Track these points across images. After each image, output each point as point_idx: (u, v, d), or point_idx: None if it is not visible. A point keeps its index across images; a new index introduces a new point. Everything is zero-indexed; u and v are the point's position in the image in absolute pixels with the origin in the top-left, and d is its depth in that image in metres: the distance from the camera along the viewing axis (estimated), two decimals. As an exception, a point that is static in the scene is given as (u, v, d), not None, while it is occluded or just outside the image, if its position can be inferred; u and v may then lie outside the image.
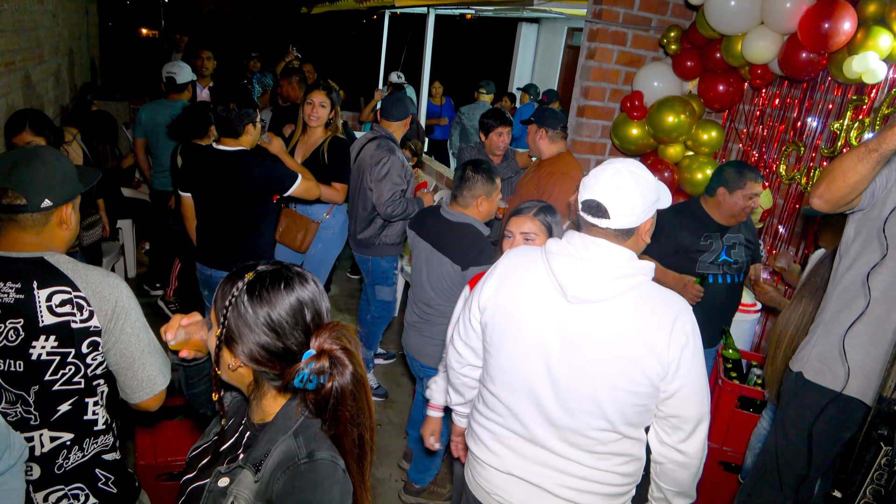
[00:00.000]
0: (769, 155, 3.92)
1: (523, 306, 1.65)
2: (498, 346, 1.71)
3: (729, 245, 2.92)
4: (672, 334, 1.54)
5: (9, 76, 4.18)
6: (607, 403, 1.58)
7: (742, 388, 2.83)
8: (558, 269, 1.59)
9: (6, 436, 1.36)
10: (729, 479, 2.88)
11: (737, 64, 3.70)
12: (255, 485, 1.15)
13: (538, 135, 3.45)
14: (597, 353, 1.56)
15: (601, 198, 1.55)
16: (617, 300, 1.55)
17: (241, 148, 3.00)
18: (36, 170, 1.54)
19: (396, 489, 3.17)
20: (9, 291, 1.50)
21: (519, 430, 1.69)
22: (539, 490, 1.69)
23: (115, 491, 1.72)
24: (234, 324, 1.16)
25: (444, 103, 8.12)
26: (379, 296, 3.80)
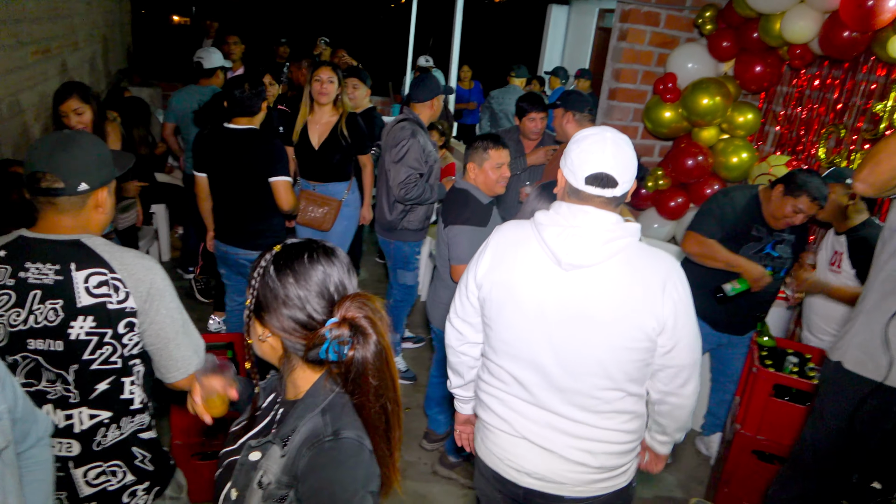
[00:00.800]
0: (808, 138, 3.81)
1: (519, 279, 1.69)
2: (497, 320, 1.74)
3: (777, 240, 2.91)
4: (665, 291, 1.61)
5: (45, 63, 4.26)
6: (610, 363, 1.64)
7: (777, 375, 2.77)
8: (550, 239, 1.63)
9: (32, 411, 1.40)
10: (763, 468, 2.84)
11: (775, 44, 3.60)
12: (282, 460, 1.16)
13: (565, 118, 3.41)
14: (595, 316, 1.62)
15: (610, 169, 1.59)
16: (609, 263, 1.60)
17: (251, 126, 3.13)
18: (73, 154, 1.56)
19: (426, 472, 3.19)
20: (48, 273, 1.53)
21: (525, 397, 1.74)
22: (550, 454, 1.73)
23: (151, 468, 1.76)
24: (262, 294, 1.19)
25: (473, 87, 8.06)
26: (401, 280, 3.83)
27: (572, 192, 1.66)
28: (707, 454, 3.48)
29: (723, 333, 3.11)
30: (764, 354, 2.94)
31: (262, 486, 1.17)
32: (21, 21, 3.83)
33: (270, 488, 1.16)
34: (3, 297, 1.53)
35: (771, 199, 2.84)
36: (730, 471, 2.90)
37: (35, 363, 1.56)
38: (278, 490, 1.16)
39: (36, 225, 1.60)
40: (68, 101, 3.07)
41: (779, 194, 2.80)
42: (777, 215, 2.82)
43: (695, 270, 2.73)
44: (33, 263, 1.54)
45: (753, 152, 3.94)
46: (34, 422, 1.40)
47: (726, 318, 3.04)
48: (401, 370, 3.97)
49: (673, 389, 1.71)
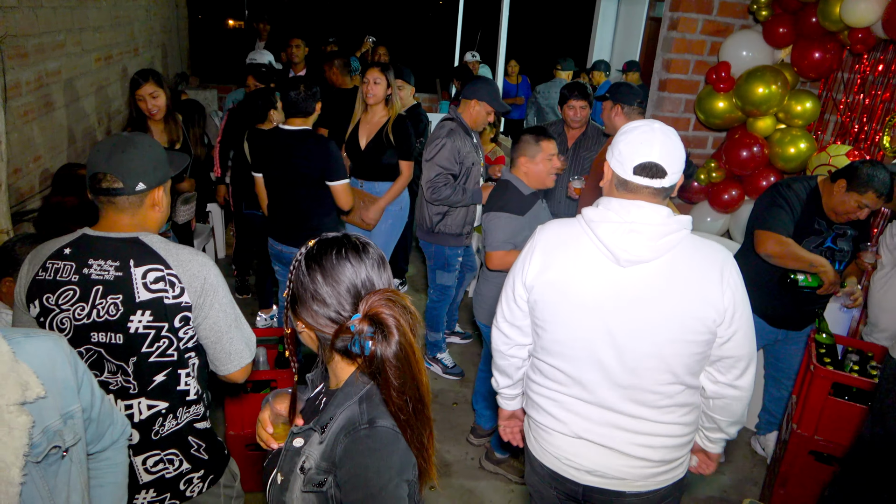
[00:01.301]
0: (871, 126, 3.64)
1: (574, 279, 1.67)
2: (552, 322, 1.73)
3: (838, 233, 2.81)
4: (723, 281, 1.60)
5: (108, 69, 4.46)
6: (671, 357, 1.63)
7: (836, 374, 2.67)
8: (605, 236, 1.62)
9: (110, 413, 1.46)
10: (820, 469, 2.74)
11: (835, 28, 3.45)
12: (321, 446, 1.20)
13: (613, 111, 3.35)
14: (655, 311, 1.61)
15: (659, 158, 1.60)
16: (666, 257, 1.60)
17: (305, 127, 3.19)
18: (131, 155, 1.64)
19: (473, 466, 3.21)
20: (109, 269, 1.62)
21: (584, 396, 1.73)
22: (610, 451, 1.72)
23: (206, 458, 1.83)
24: (296, 288, 1.24)
25: (521, 82, 8.00)
26: (439, 280, 3.82)
27: (620, 184, 1.65)
28: (763, 454, 3.38)
29: (779, 329, 3.01)
30: (822, 352, 2.84)
31: (304, 471, 1.21)
32: (85, 29, 4.02)
33: (311, 473, 1.20)
34: (69, 293, 1.61)
35: (833, 194, 2.71)
36: (786, 471, 2.82)
37: (97, 355, 1.64)
38: (318, 475, 1.19)
39: (98, 223, 1.68)
40: (145, 85, 3.30)
41: (841, 189, 2.67)
42: (839, 210, 2.70)
43: (750, 265, 2.64)
44: (95, 260, 1.62)
45: (812, 142, 3.79)
46: (111, 424, 1.46)
47: (783, 313, 2.94)
48: (447, 366, 4.00)
49: (730, 381, 1.71)
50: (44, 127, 3.49)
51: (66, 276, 1.62)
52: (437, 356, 4.02)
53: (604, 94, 3.44)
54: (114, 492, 1.51)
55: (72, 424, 1.28)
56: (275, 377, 2.77)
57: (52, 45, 3.55)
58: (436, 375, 3.98)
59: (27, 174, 3.32)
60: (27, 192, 3.30)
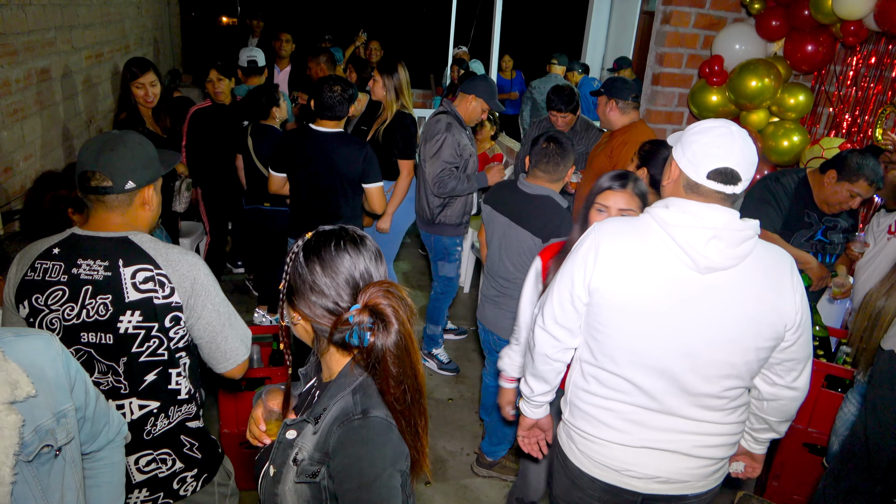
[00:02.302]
0: (863, 118, 3.65)
1: (644, 282, 1.58)
2: (618, 328, 1.63)
3: (828, 226, 2.80)
4: (793, 285, 1.59)
5: (99, 67, 4.43)
6: (741, 364, 1.60)
7: (829, 366, 2.68)
8: (684, 240, 1.54)
9: (105, 412, 1.46)
10: (814, 461, 2.75)
11: (827, 21, 3.45)
12: (315, 437, 1.21)
13: (608, 106, 3.34)
14: (730, 318, 1.56)
15: (737, 165, 1.53)
16: (744, 262, 1.55)
17: (339, 130, 3.17)
18: (120, 154, 1.62)
19: (468, 462, 3.21)
20: (98, 269, 1.60)
21: (650, 405, 1.65)
22: (675, 455, 1.68)
23: (199, 456, 1.82)
24: (293, 279, 1.24)
25: (515, 77, 7.99)
26: (441, 272, 3.83)
27: (690, 187, 1.58)
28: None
29: None
30: (815, 345, 2.84)
31: (297, 462, 1.22)
32: (75, 27, 3.99)
33: (304, 464, 1.21)
34: (58, 293, 1.60)
35: (824, 185, 2.72)
36: (780, 464, 2.83)
37: (88, 355, 1.63)
38: (311, 466, 1.20)
39: (87, 223, 1.67)
40: (146, 74, 3.36)
41: (832, 180, 2.68)
42: (832, 201, 2.70)
43: None
44: (84, 260, 1.61)
45: (805, 135, 3.80)
46: (107, 423, 1.45)
47: None
48: (443, 362, 4.00)
49: (788, 383, 1.69)
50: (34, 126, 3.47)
51: (54, 276, 1.61)
52: (433, 352, 4.02)
53: (598, 90, 3.44)
54: (110, 491, 1.51)
55: (65, 423, 1.27)
56: (269, 374, 2.76)
57: (41, 43, 3.52)
58: (431, 372, 3.98)
59: (18, 173, 3.30)
60: (17, 191, 3.28)
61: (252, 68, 4.61)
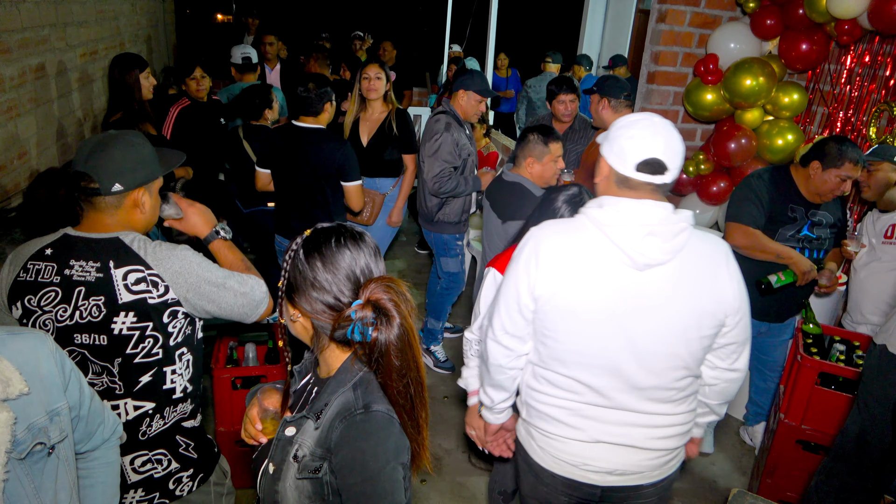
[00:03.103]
0: (857, 117, 3.66)
1: (586, 284, 1.60)
2: (565, 331, 1.65)
3: (814, 221, 2.80)
4: (729, 272, 1.62)
5: (93, 65, 4.42)
6: (686, 354, 1.63)
7: (823, 363, 2.69)
8: (620, 239, 1.56)
9: (100, 411, 1.45)
10: (808, 458, 2.76)
11: (822, 20, 3.46)
12: (316, 432, 1.21)
13: (601, 105, 3.35)
14: (672, 311, 1.59)
15: (662, 154, 1.56)
16: (679, 256, 1.57)
17: (319, 126, 3.17)
18: (109, 155, 1.60)
19: (463, 460, 3.21)
20: (90, 270, 1.59)
21: (600, 402, 1.69)
22: (630, 448, 1.71)
23: (195, 456, 1.82)
24: (293, 276, 1.24)
25: (510, 75, 7.99)
26: (445, 268, 3.86)
27: (621, 182, 1.60)
28: (751, 444, 3.41)
29: (762, 322, 3.03)
30: (809, 342, 2.85)
31: (298, 459, 1.22)
32: (69, 24, 3.97)
33: (305, 460, 1.21)
34: (50, 294, 1.59)
35: (810, 178, 2.73)
36: (773, 461, 2.84)
37: (82, 356, 1.62)
38: (312, 462, 1.21)
39: (80, 224, 1.66)
40: (147, 69, 3.39)
41: (818, 171, 2.69)
42: (823, 191, 2.70)
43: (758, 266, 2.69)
44: (77, 261, 1.60)
45: (800, 134, 3.81)
46: (101, 423, 1.45)
47: (766, 307, 2.95)
48: (439, 359, 4.00)
49: (729, 366, 1.74)
50: (29, 123, 3.45)
51: (47, 277, 1.60)
52: (431, 348, 4.03)
53: (591, 88, 3.44)
54: (105, 491, 1.50)
55: (58, 422, 1.27)
56: (265, 373, 2.76)
57: (35, 41, 3.51)
58: (427, 368, 3.98)
59: (12, 171, 3.29)
60: (12, 189, 3.27)
61: (247, 65, 4.60)
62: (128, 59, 3.40)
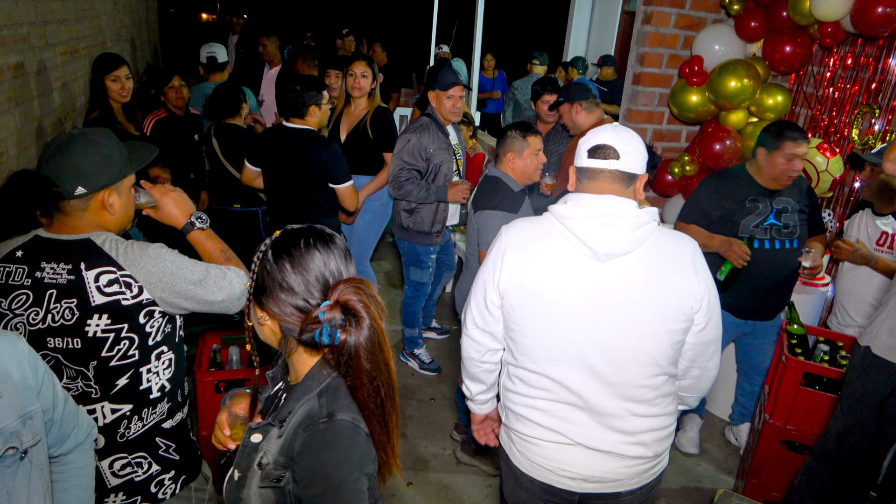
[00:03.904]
0: (840, 119, 3.69)
1: (550, 278, 1.64)
2: (531, 326, 1.68)
3: (780, 208, 2.85)
4: (696, 268, 1.63)
5: (73, 64, 4.35)
6: (654, 349, 1.63)
7: (807, 364, 2.70)
8: (581, 231, 1.60)
9: (75, 415, 1.42)
10: (793, 458, 2.78)
11: (805, 23, 3.49)
12: (279, 440, 1.19)
13: (573, 110, 3.40)
14: (636, 304, 1.60)
15: (608, 140, 1.63)
16: (641, 250, 1.60)
17: (307, 127, 3.15)
18: (71, 157, 1.55)
19: (450, 462, 3.20)
20: (61, 273, 1.55)
21: (573, 401, 1.69)
22: (606, 454, 1.70)
23: (177, 458, 1.78)
24: (261, 278, 1.22)
25: (497, 76, 7.99)
26: (413, 276, 3.80)
27: (581, 174, 1.68)
28: (736, 444, 3.43)
29: (747, 321, 3.04)
30: (793, 343, 2.87)
31: (262, 466, 1.20)
32: (49, 22, 3.91)
33: (268, 468, 1.19)
34: (22, 297, 1.55)
35: (761, 166, 2.83)
36: (759, 461, 2.85)
37: (55, 361, 1.59)
38: (275, 470, 1.18)
39: (51, 225, 1.61)
40: (121, 67, 3.38)
41: (764, 157, 2.80)
42: (777, 174, 2.79)
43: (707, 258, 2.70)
44: (48, 263, 1.56)
45: (783, 135, 3.84)
46: (76, 426, 1.42)
47: (746, 304, 2.97)
48: (425, 362, 3.98)
49: (701, 364, 1.75)
50: (7, 123, 3.39)
51: (18, 279, 1.56)
52: (415, 352, 4.00)
53: (557, 101, 3.46)
54: (79, 495, 1.47)
55: (31, 425, 1.24)
56: (248, 376, 2.73)
57: (13, 39, 3.44)
58: (413, 371, 3.96)
59: (-10, 171, 3.22)
60: (-10, 189, 3.20)
61: (211, 65, 4.53)
62: (103, 59, 3.36)
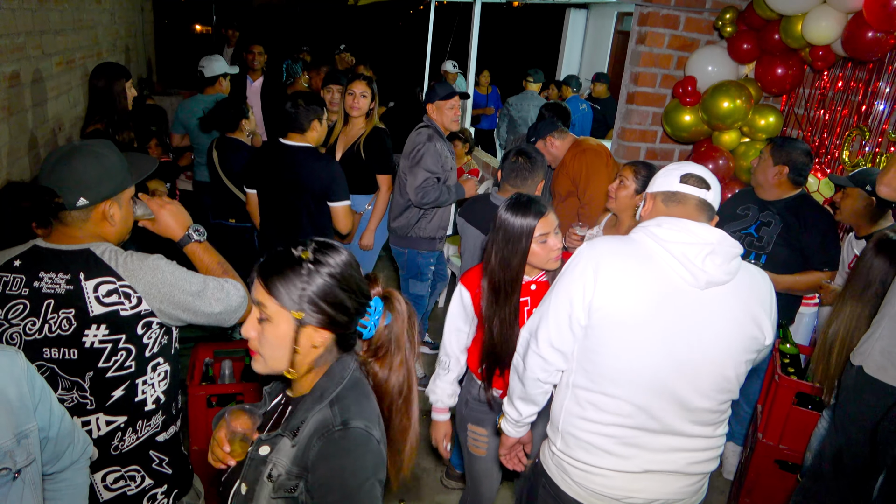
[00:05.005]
0: (831, 141, 3.74)
1: (647, 302, 1.58)
2: (620, 349, 1.61)
3: (763, 221, 2.88)
4: (772, 297, 1.67)
5: (69, 74, 4.35)
6: (734, 377, 1.65)
7: (800, 383, 2.71)
8: (683, 256, 1.56)
9: (70, 432, 1.40)
10: (785, 478, 2.78)
11: (797, 45, 3.54)
12: (293, 450, 1.21)
13: (548, 144, 3.48)
14: (728, 332, 1.60)
15: (698, 172, 1.67)
16: (734, 280, 1.60)
17: (306, 144, 3.10)
18: (73, 168, 1.55)
19: (443, 479, 3.17)
20: (60, 283, 1.54)
21: (651, 426, 1.64)
22: (673, 475, 1.68)
23: (170, 472, 1.77)
24: (313, 300, 1.21)
25: (491, 92, 8.05)
26: (412, 289, 3.81)
27: (668, 198, 1.68)
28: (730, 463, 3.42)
29: None
30: (786, 362, 2.89)
31: (272, 478, 1.21)
32: (45, 33, 3.91)
33: (281, 479, 1.20)
34: (19, 307, 1.54)
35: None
36: (751, 480, 2.85)
37: (51, 371, 1.57)
38: (288, 481, 1.20)
39: (50, 235, 1.61)
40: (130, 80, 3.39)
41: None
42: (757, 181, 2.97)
43: None
44: (46, 273, 1.55)
45: (775, 156, 3.88)
46: (71, 443, 1.41)
47: None
48: (419, 376, 3.96)
49: None
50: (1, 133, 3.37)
51: (15, 289, 1.55)
52: (408, 366, 3.98)
53: (530, 143, 3.50)
54: None
55: (25, 444, 1.23)
56: (241, 390, 2.71)
57: (10, 48, 3.43)
58: (405, 386, 3.94)
59: (-18, 181, 3.20)
60: (-18, 199, 3.18)
61: (200, 79, 4.52)
62: (113, 68, 3.35)
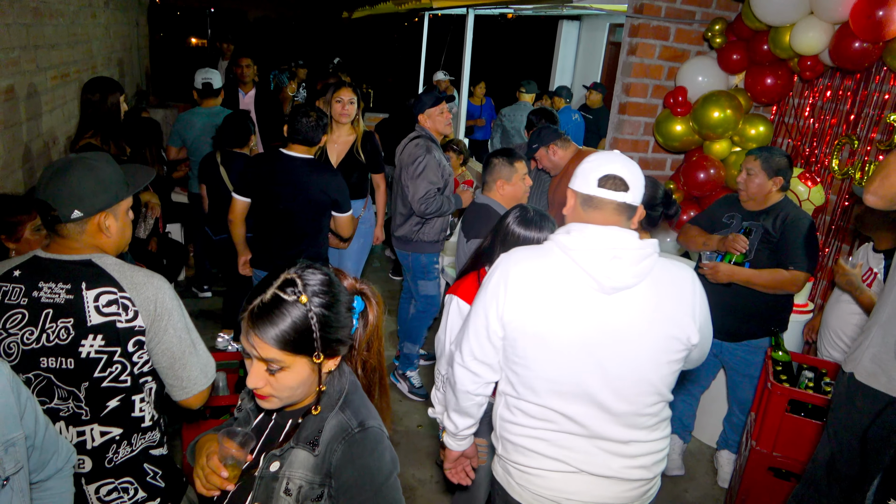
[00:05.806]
0: (821, 149, 3.78)
1: (556, 311, 1.61)
2: (535, 359, 1.64)
3: (745, 229, 2.95)
4: (695, 296, 1.66)
5: (64, 88, 4.36)
6: (656, 379, 1.65)
7: (792, 391, 2.72)
8: (587, 263, 1.58)
9: (54, 441, 1.41)
10: (779, 485, 2.78)
11: (785, 56, 3.58)
12: (314, 459, 1.24)
13: (550, 152, 3.51)
14: (642, 337, 1.61)
15: (619, 171, 1.63)
16: (645, 282, 1.60)
17: (310, 156, 3.18)
18: (68, 181, 1.57)
19: (437, 490, 3.17)
20: (60, 292, 1.56)
21: (577, 431, 1.67)
22: (610, 480, 1.69)
23: (163, 485, 1.77)
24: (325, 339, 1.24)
25: (484, 104, 8.10)
26: (423, 290, 3.87)
27: (585, 202, 1.65)
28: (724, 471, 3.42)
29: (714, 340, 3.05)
30: (779, 369, 2.89)
31: (290, 492, 1.23)
32: (40, 47, 3.93)
33: (304, 491, 1.23)
34: (17, 316, 1.55)
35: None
36: (745, 488, 2.85)
37: (47, 381, 1.58)
38: (312, 491, 1.23)
39: (49, 246, 1.63)
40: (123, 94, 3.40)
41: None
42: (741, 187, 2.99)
43: None
44: (46, 283, 1.56)
45: (766, 165, 3.91)
46: (55, 452, 1.41)
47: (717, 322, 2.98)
48: (414, 385, 3.97)
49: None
50: (-5, 145, 3.38)
51: (14, 299, 1.56)
52: (407, 374, 3.99)
53: (531, 149, 3.53)
54: None
55: (13, 452, 1.23)
56: (235, 402, 2.70)
57: (5, 62, 3.45)
58: (401, 396, 3.94)
59: (-24, 194, 3.20)
60: (-24, 212, 3.18)
61: (207, 90, 4.54)
62: (106, 82, 3.37)
